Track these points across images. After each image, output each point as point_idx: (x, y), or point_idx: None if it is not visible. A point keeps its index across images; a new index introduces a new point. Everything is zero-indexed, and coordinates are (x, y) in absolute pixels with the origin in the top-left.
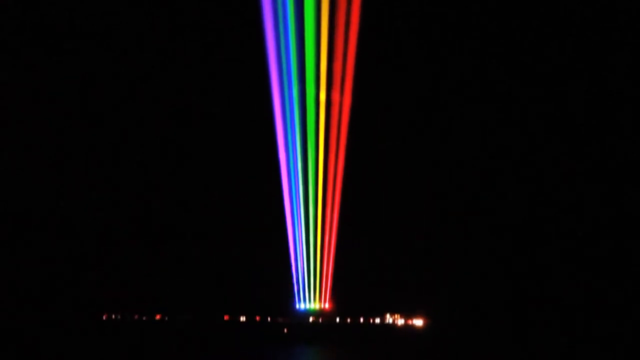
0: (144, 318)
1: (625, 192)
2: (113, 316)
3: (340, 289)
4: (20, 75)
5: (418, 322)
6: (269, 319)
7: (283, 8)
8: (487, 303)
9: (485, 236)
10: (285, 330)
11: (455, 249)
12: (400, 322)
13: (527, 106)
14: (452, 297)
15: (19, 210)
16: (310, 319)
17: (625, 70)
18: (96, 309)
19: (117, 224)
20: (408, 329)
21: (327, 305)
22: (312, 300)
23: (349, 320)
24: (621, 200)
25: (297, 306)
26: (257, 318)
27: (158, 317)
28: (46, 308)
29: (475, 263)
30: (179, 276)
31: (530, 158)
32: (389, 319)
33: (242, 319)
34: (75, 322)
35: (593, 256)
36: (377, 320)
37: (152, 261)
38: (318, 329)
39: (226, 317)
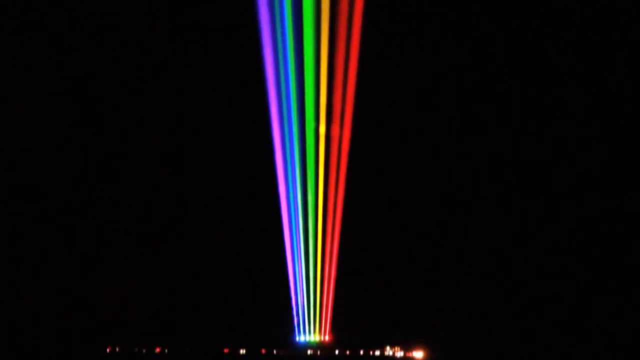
0: (144, 350)
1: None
2: (116, 349)
3: (340, 321)
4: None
5: (418, 355)
6: (270, 351)
7: (283, 43)
8: (490, 336)
9: (490, 270)
10: None
11: (457, 283)
12: (400, 354)
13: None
14: (453, 330)
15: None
16: (310, 352)
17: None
18: (100, 342)
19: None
20: None
21: (326, 338)
22: (311, 333)
23: (348, 352)
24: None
25: (297, 338)
26: (263, 351)
27: (158, 350)
28: (49, 341)
29: (478, 298)
30: (178, 309)
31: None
32: (388, 351)
33: (242, 351)
34: (79, 355)
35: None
36: (377, 353)
37: (151, 293)
38: None
39: (226, 350)
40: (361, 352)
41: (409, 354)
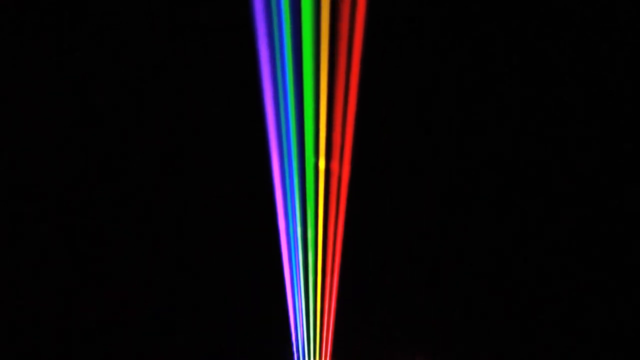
0: None
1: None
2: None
3: (340, 356)
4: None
5: None
6: None
7: (283, 86)
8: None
9: (497, 304)
10: None
11: (460, 316)
12: None
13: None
14: None
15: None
16: None
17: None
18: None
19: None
20: None
21: None
22: None
23: None
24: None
25: None
26: None
27: None
28: None
29: (482, 328)
30: (177, 343)
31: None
32: None
33: None
34: None
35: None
36: None
37: (149, 330)
38: None
39: None
40: None
41: None
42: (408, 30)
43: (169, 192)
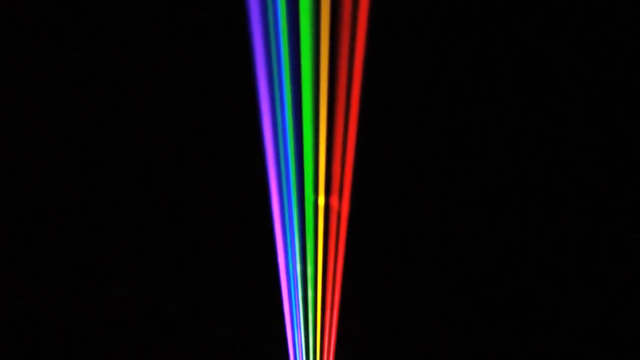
0: None
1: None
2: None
3: None
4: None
5: None
6: None
7: (282, 122)
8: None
9: (506, 331)
10: None
11: (466, 346)
12: None
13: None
14: None
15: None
16: None
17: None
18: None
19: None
20: None
21: None
22: None
23: None
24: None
25: None
26: None
27: None
28: None
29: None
30: None
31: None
32: None
33: None
34: None
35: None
36: None
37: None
38: None
39: None
40: None
41: None
42: (412, 65)
43: (162, 238)
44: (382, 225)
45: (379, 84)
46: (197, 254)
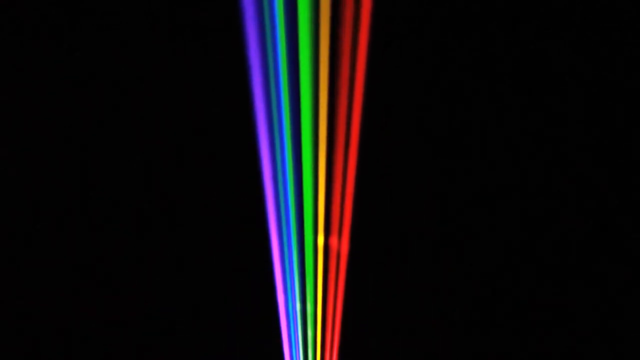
0: None
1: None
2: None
3: None
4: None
5: None
6: None
7: (282, 156)
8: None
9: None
10: None
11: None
12: None
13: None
14: None
15: None
16: None
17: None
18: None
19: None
20: None
21: None
22: None
23: None
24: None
25: None
26: None
27: None
28: None
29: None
30: None
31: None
32: None
33: None
34: None
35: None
36: None
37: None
38: None
39: None
40: None
41: None
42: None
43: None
44: (382, 264)
45: (378, 132)
46: (197, 299)
